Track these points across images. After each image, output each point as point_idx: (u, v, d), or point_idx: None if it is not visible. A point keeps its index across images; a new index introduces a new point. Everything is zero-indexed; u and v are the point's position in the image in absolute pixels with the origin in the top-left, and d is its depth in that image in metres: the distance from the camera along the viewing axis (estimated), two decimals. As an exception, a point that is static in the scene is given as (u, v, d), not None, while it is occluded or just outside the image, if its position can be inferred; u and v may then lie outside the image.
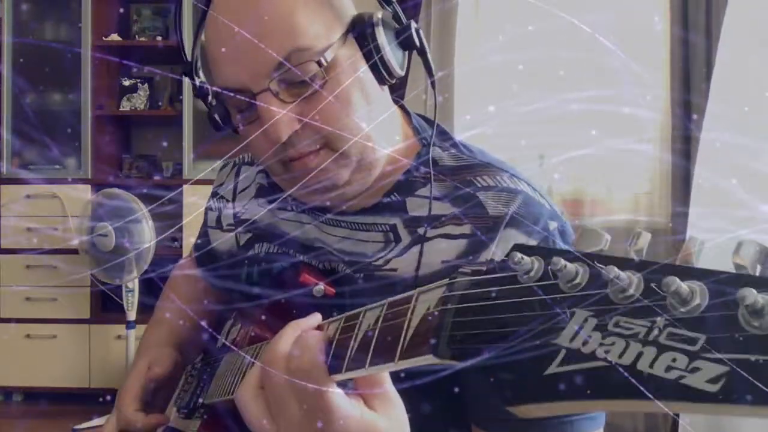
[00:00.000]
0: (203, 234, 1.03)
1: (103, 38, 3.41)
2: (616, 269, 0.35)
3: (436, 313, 0.45)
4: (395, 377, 0.56)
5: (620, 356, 0.34)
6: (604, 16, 2.84)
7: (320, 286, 0.78)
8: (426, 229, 0.76)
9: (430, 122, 0.85)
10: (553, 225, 0.73)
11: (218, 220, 0.99)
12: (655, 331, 0.34)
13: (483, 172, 0.77)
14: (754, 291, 0.30)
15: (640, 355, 0.34)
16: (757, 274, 0.32)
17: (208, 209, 1.02)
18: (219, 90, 0.73)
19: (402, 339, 0.48)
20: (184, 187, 3.32)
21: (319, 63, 0.69)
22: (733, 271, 0.33)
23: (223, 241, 0.97)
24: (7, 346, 3.34)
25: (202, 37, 0.76)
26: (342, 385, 0.54)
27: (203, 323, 1.02)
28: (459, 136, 0.82)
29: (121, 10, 3.58)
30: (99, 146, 3.43)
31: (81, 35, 3.36)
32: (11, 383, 3.39)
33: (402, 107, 0.86)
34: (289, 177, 0.76)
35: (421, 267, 0.75)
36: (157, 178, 3.49)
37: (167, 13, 3.52)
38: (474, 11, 3.05)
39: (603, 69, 2.82)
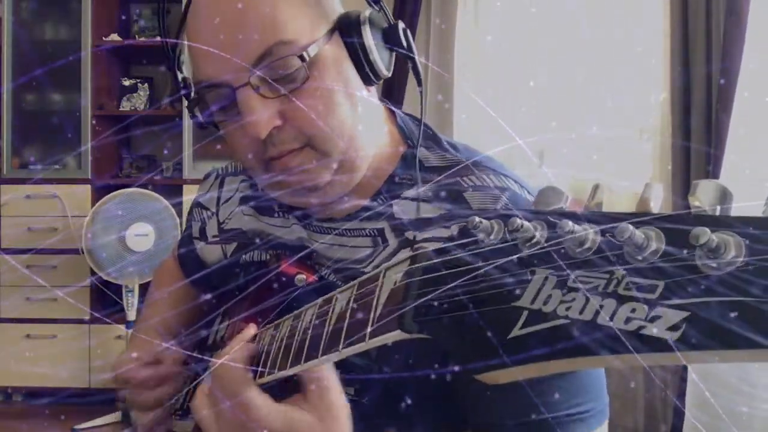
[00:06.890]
0: (187, 242, 1.01)
1: (103, 38, 3.41)
2: (570, 223, 0.34)
3: (401, 287, 0.45)
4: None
5: (581, 312, 0.33)
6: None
7: (302, 276, 0.77)
8: (415, 235, 0.74)
9: (417, 119, 0.83)
10: None
11: (202, 231, 0.98)
12: (614, 283, 0.33)
13: (470, 171, 0.76)
14: (708, 230, 0.29)
15: (600, 308, 0.33)
16: (717, 214, 0.31)
17: (191, 219, 1.01)
18: (200, 85, 0.72)
19: (371, 317, 0.47)
20: (184, 187, 3.33)
21: (301, 58, 0.68)
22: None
23: (209, 252, 0.95)
24: (7, 346, 3.34)
25: (185, 32, 0.75)
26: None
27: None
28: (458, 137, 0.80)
29: (122, 11, 3.60)
30: (99, 146, 3.43)
31: (81, 35, 3.36)
32: (11, 383, 3.39)
33: (387, 106, 0.84)
34: (270, 178, 0.74)
35: None
36: (157, 178, 3.49)
37: (168, 12, 3.53)
38: (473, 18, 3.05)
39: (603, 67, 2.81)
